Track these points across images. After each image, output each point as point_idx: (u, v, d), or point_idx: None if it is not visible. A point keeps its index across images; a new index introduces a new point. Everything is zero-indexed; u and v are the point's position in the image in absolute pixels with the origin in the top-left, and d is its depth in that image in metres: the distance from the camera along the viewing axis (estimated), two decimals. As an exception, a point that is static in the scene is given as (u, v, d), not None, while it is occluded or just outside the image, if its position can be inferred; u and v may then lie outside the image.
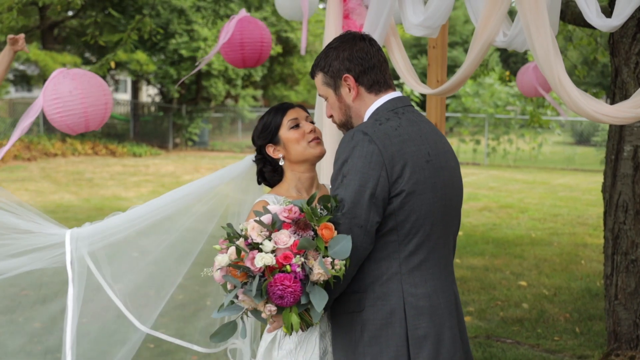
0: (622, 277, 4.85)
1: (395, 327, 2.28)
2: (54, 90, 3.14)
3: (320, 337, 2.50)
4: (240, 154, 24.02)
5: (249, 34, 4.24)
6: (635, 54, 4.62)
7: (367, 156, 2.27)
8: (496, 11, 3.32)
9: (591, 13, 3.01)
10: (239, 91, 25.08)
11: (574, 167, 20.70)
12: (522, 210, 12.37)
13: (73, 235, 2.73)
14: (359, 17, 3.74)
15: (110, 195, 14.08)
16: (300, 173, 2.64)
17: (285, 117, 2.65)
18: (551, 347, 5.52)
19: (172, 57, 22.84)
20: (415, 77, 3.76)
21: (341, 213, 2.25)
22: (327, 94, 2.52)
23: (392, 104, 2.43)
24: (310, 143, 2.60)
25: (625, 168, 4.78)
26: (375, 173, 2.26)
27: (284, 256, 2.16)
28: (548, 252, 8.94)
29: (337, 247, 2.17)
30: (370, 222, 2.25)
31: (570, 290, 7.11)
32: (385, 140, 2.30)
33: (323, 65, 2.49)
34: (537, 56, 3.02)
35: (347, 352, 2.35)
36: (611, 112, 2.93)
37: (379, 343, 2.29)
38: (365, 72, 2.44)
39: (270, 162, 2.70)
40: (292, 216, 2.21)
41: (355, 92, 2.45)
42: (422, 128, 2.42)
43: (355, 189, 2.25)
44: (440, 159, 2.39)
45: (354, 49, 2.44)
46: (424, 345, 2.30)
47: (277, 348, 2.52)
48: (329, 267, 2.15)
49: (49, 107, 3.13)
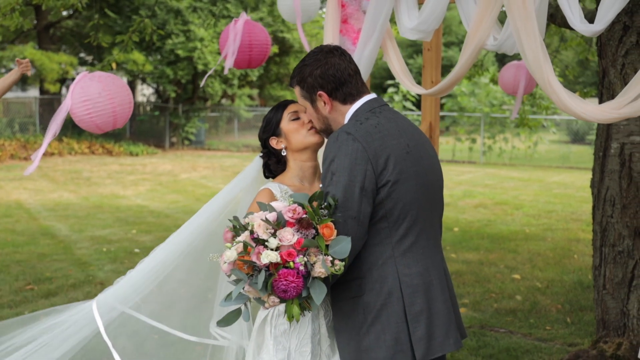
0: (610, 268, 5.06)
1: (394, 306, 2.50)
2: (82, 92, 3.31)
3: (312, 320, 2.70)
4: (236, 152, 24.20)
5: (256, 36, 4.42)
6: (621, 56, 4.82)
7: (353, 153, 2.48)
8: (487, 16, 3.50)
9: (575, 19, 3.20)
10: (235, 91, 25.24)
11: (569, 165, 20.93)
12: (516, 207, 12.59)
13: (99, 303, 2.90)
14: (357, 21, 3.92)
15: (109, 194, 14.25)
16: (302, 162, 2.84)
17: (285, 111, 2.87)
18: (543, 336, 5.73)
19: (169, 57, 23.00)
20: (411, 78, 3.95)
21: (335, 208, 2.44)
22: (305, 105, 2.76)
23: (369, 105, 2.66)
24: (309, 131, 2.81)
25: (613, 164, 4.98)
26: (362, 168, 2.47)
27: (287, 253, 2.34)
28: (542, 246, 9.16)
29: (337, 247, 2.36)
30: (363, 213, 2.45)
31: (563, 283, 7.32)
32: (367, 137, 2.51)
33: (299, 79, 2.71)
34: (527, 59, 3.21)
35: (352, 334, 2.55)
36: (597, 112, 3.12)
37: (380, 322, 2.50)
38: (338, 88, 2.65)
39: (274, 154, 2.90)
40: (297, 216, 2.39)
41: (329, 106, 2.67)
42: (399, 124, 2.64)
43: (345, 185, 2.46)
44: (419, 149, 2.62)
45: (326, 66, 2.64)
46: (421, 319, 2.52)
47: (268, 325, 2.71)
48: (329, 265, 2.33)
49: (79, 109, 3.31)
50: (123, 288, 2.93)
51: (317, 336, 2.70)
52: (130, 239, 9.60)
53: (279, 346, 2.67)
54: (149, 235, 9.83)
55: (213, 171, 18.67)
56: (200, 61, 22.54)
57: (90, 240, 9.48)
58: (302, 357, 2.66)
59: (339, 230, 2.42)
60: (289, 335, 2.68)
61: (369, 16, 3.78)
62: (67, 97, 3.37)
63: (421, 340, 2.51)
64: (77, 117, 3.35)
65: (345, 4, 3.94)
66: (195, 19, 22.84)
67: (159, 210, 12.14)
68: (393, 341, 2.49)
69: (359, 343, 2.53)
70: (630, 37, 4.79)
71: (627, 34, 4.79)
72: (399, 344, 2.49)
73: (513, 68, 6.04)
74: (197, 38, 22.47)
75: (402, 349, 2.49)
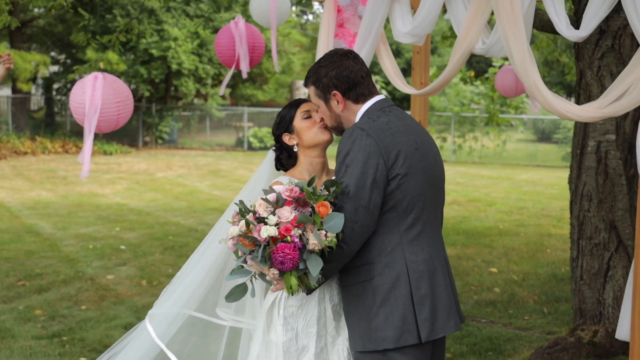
0: (587, 259, 5.34)
1: (401, 289, 2.73)
2: (114, 93, 3.45)
3: (318, 303, 2.90)
4: (210, 152, 24.27)
5: (257, 37, 4.57)
6: (597, 58, 5.11)
7: (366, 148, 2.70)
8: (476, 21, 3.73)
9: (561, 24, 3.44)
10: (208, 90, 25.29)
11: (537, 163, 21.38)
12: (489, 204, 12.92)
13: (151, 318, 3.11)
14: (353, 26, 4.14)
15: (87, 192, 14.28)
16: (312, 158, 3.05)
17: (299, 109, 3.06)
18: (522, 325, 6.02)
19: (143, 56, 22.97)
20: (403, 79, 4.18)
21: (347, 197, 2.67)
22: (318, 104, 2.97)
23: (380, 105, 2.88)
24: (320, 130, 3.01)
25: (589, 161, 5.27)
26: (374, 161, 2.69)
27: (285, 228, 2.59)
28: (515, 241, 9.47)
29: (331, 223, 2.60)
30: (373, 203, 2.68)
31: (538, 276, 7.62)
32: (379, 134, 2.74)
33: (314, 80, 2.92)
34: (515, 62, 3.44)
35: (362, 315, 2.77)
36: (580, 112, 3.38)
37: (389, 304, 2.73)
38: (351, 88, 2.87)
39: (286, 149, 3.10)
40: (293, 195, 2.64)
41: (342, 105, 2.90)
42: (407, 122, 2.88)
43: (358, 176, 2.68)
44: (425, 146, 2.85)
45: (341, 68, 2.86)
46: (426, 302, 2.75)
47: (277, 307, 2.91)
48: (323, 238, 2.57)
49: (109, 109, 3.44)
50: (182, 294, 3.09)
51: (322, 318, 2.91)
52: (114, 236, 9.70)
53: (287, 326, 2.87)
54: (133, 233, 9.94)
55: (189, 170, 18.75)
56: (174, 60, 22.57)
57: (76, 237, 9.57)
58: (308, 337, 2.87)
59: (350, 218, 2.64)
60: (297, 316, 2.88)
61: (365, 21, 3.99)
62: (94, 97, 3.46)
63: (426, 321, 2.74)
64: (103, 117, 3.47)
65: (342, 8, 4.15)
66: (169, 19, 22.85)
67: (139, 208, 12.23)
68: (400, 322, 2.72)
69: (369, 323, 2.75)
70: (606, 40, 5.07)
71: (603, 38, 5.08)
72: (406, 324, 2.72)
73: (512, 72, 6.23)
74: (171, 37, 22.49)
75: (409, 329, 2.72)
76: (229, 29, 4.52)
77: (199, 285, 3.08)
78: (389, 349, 2.72)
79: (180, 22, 23.12)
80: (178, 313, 3.08)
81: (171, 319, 3.08)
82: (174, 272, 7.82)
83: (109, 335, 5.68)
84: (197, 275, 3.07)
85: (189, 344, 3.14)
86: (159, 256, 8.49)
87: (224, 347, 3.16)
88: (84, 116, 3.50)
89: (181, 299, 3.07)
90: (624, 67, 4.95)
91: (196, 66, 23.27)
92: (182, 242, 9.33)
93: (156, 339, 3.02)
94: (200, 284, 3.07)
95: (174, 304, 3.08)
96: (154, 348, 3.03)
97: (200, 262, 3.10)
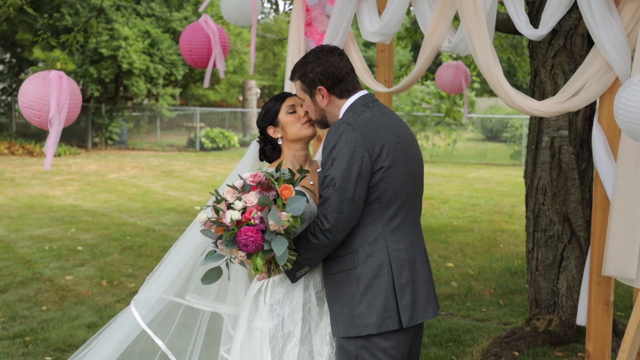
0: (542, 251, 5.55)
1: (384, 277, 2.84)
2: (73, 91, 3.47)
3: (303, 290, 3.01)
4: (162, 152, 24.07)
5: (225, 36, 4.61)
6: (550, 57, 5.32)
7: (352, 142, 2.80)
8: (442, 21, 3.88)
9: (522, 24, 3.61)
10: (160, 90, 25.07)
11: (486, 161, 21.82)
12: (442, 201, 13.17)
13: (136, 303, 3.18)
14: (321, 24, 4.23)
15: (38, 194, 14.04)
16: (295, 151, 3.14)
17: (284, 103, 3.14)
18: (480, 316, 6.20)
19: (92, 56, 22.65)
20: (372, 76, 4.30)
21: (334, 189, 2.77)
22: (304, 98, 3.06)
23: (363, 100, 2.99)
24: (304, 125, 3.10)
25: (544, 156, 5.48)
26: (360, 155, 2.79)
27: (249, 212, 2.70)
28: (470, 237, 9.71)
29: (293, 205, 2.71)
30: (358, 195, 2.78)
31: (492, 270, 7.84)
32: (364, 128, 2.84)
33: (301, 74, 3.01)
34: (478, 60, 3.60)
35: (345, 303, 2.88)
36: (540, 107, 3.55)
37: (372, 291, 2.84)
38: (336, 84, 2.98)
39: (270, 142, 3.19)
40: (257, 180, 2.76)
41: (327, 100, 3.00)
42: (390, 117, 2.99)
43: (344, 169, 2.78)
44: (406, 140, 2.97)
45: (326, 64, 2.96)
46: (407, 290, 2.87)
47: (263, 294, 3.00)
48: (284, 219, 2.66)
49: (73, 107, 3.45)
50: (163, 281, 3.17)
51: (307, 305, 3.01)
52: (70, 237, 9.59)
53: (273, 313, 2.96)
54: (89, 234, 9.84)
55: (141, 170, 18.57)
56: (124, 60, 22.31)
57: (30, 239, 9.43)
58: (294, 323, 2.98)
59: (336, 209, 2.74)
60: (283, 303, 2.97)
61: (333, 20, 4.09)
62: (61, 95, 3.45)
63: (407, 308, 2.86)
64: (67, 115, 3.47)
65: (310, 7, 4.24)
66: (119, 18, 22.58)
67: (93, 210, 12.10)
68: (383, 308, 2.83)
69: (352, 310, 2.85)
70: (558, 40, 5.29)
71: (556, 37, 5.29)
72: (388, 310, 2.83)
73: (452, 69, 6.45)
74: (121, 37, 22.23)
75: (391, 315, 2.84)
76: (199, 28, 4.52)
77: (180, 271, 3.15)
78: (372, 335, 2.84)
79: (131, 22, 22.87)
80: (160, 298, 3.15)
81: (153, 304, 3.15)
82: (135, 272, 7.83)
83: (72, 334, 5.65)
84: (180, 262, 3.15)
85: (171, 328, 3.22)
86: (118, 256, 8.44)
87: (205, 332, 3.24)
88: (37, 113, 3.48)
89: (164, 284, 3.15)
90: (576, 65, 5.25)
91: (147, 66, 23.04)
92: (140, 242, 9.28)
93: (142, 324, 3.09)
94: (182, 270, 3.15)
95: (157, 290, 3.15)
96: (135, 329, 3.12)
97: (182, 250, 3.17)
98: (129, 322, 3.13)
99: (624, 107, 2.80)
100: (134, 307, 3.14)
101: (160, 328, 3.17)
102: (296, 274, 2.92)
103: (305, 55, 3.04)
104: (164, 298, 3.17)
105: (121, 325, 3.15)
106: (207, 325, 3.26)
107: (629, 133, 2.86)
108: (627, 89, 2.81)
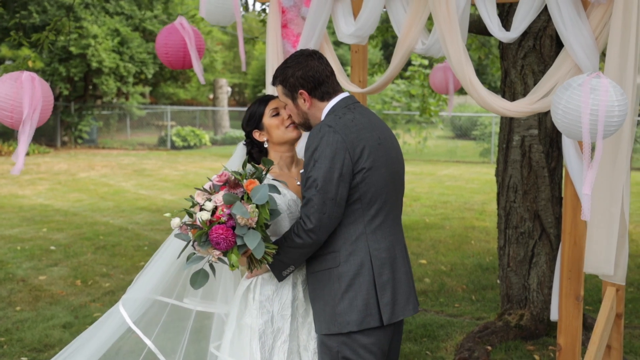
0: (513, 247, 5.68)
1: (365, 276, 2.91)
2: (45, 92, 3.48)
3: (292, 287, 3.08)
4: (132, 151, 23.90)
5: (200, 38, 4.62)
6: (520, 58, 5.44)
7: (333, 144, 2.87)
8: (416, 23, 3.95)
9: (494, 26, 3.70)
10: (129, 88, 24.90)
11: (456, 159, 22.03)
12: (414, 198, 13.31)
13: (124, 302, 3.23)
14: (297, 26, 4.28)
15: (7, 194, 13.87)
16: (281, 152, 3.19)
17: (267, 107, 3.19)
18: (453, 312, 6.32)
19: (61, 54, 22.42)
20: (346, 77, 4.35)
21: (316, 190, 2.83)
22: (286, 102, 3.12)
23: (344, 102, 3.05)
24: (287, 128, 3.15)
25: (515, 155, 5.60)
26: (341, 157, 2.86)
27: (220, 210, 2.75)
28: (442, 234, 9.84)
29: (257, 195, 2.76)
30: (340, 196, 2.85)
31: (465, 266, 7.97)
32: (345, 130, 2.91)
33: (282, 79, 3.07)
34: (451, 61, 3.68)
35: (327, 301, 2.94)
36: (512, 107, 3.63)
37: (353, 290, 2.91)
38: (316, 87, 3.04)
39: (257, 145, 3.24)
40: (223, 179, 2.83)
41: (309, 103, 3.06)
42: (371, 119, 3.05)
43: (326, 171, 2.84)
44: (387, 141, 3.03)
45: (306, 68, 3.02)
46: (387, 288, 2.94)
47: (252, 292, 3.06)
48: (249, 210, 2.71)
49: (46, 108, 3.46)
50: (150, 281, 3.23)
51: (296, 301, 3.09)
52: (42, 237, 9.52)
53: (263, 310, 3.02)
54: (61, 233, 9.78)
55: (112, 169, 18.44)
56: (94, 58, 22.11)
57: (1, 239, 9.33)
58: (283, 319, 3.04)
59: (318, 209, 2.81)
60: (272, 300, 3.04)
61: (309, 22, 4.14)
62: (33, 98, 3.44)
63: (387, 305, 2.93)
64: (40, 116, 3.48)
65: (286, 9, 4.29)
66: (88, 16, 22.38)
67: (65, 209, 12.01)
68: (364, 306, 2.90)
69: (334, 308, 2.92)
70: (528, 41, 5.41)
71: (526, 39, 5.41)
72: (369, 308, 2.91)
73: (441, 70, 6.59)
74: (90, 35, 22.03)
75: (371, 313, 2.91)
76: (175, 31, 4.53)
77: (167, 270, 3.20)
78: (353, 332, 2.91)
79: (100, 20, 22.67)
80: (147, 298, 3.19)
81: (140, 303, 3.20)
82: (109, 272, 7.81)
83: (48, 334, 5.64)
84: (167, 261, 3.20)
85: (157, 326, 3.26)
86: (92, 256, 8.41)
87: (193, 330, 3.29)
88: (9, 114, 3.48)
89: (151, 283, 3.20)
90: (545, 66, 5.38)
91: (117, 64, 22.87)
92: (113, 241, 9.25)
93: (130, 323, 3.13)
94: (169, 269, 3.20)
95: (143, 289, 3.19)
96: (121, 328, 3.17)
97: (169, 249, 3.23)
98: (116, 321, 3.17)
99: (563, 109, 2.89)
100: (122, 306, 3.18)
101: (147, 327, 3.21)
102: (282, 273, 2.98)
103: (286, 60, 3.09)
104: (151, 297, 3.21)
105: (106, 323, 3.18)
106: (196, 323, 3.31)
107: (566, 133, 2.95)
108: (567, 91, 2.90)
